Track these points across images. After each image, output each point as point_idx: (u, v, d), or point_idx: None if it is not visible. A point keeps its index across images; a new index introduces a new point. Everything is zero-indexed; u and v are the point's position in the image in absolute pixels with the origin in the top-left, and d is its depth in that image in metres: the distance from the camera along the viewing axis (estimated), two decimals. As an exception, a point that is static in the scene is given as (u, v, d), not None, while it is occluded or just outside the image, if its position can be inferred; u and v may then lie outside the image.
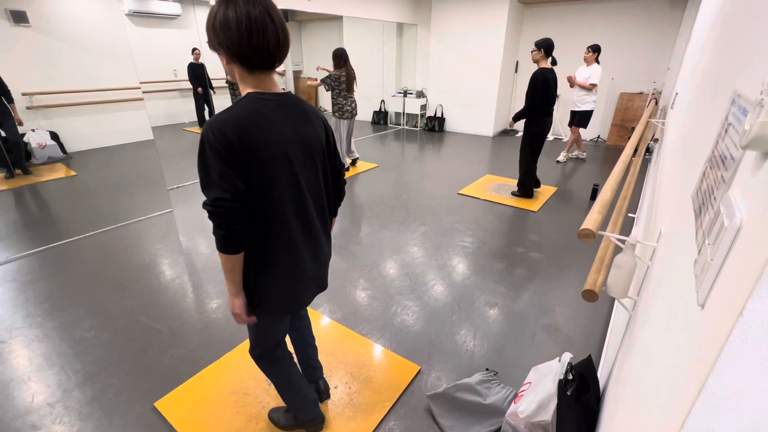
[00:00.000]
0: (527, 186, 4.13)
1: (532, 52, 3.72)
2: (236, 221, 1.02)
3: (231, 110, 1.00)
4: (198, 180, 1.03)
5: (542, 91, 3.69)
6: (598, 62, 5.11)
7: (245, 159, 1.00)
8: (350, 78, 4.65)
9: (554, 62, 3.75)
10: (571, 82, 5.22)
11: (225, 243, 1.05)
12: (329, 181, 1.27)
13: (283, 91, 1.09)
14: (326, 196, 1.26)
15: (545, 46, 3.65)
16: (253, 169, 1.02)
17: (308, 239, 1.20)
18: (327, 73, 4.66)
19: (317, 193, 1.20)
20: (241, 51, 0.97)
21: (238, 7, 0.93)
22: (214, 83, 7.15)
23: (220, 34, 0.96)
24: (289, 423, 1.58)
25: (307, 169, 1.14)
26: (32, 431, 1.60)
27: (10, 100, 4.54)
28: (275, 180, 1.07)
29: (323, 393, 1.69)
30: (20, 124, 4.67)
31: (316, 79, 4.75)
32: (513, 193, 4.23)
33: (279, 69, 7.93)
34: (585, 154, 5.79)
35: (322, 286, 1.36)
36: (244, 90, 1.05)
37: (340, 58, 4.54)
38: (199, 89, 7.10)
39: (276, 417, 1.61)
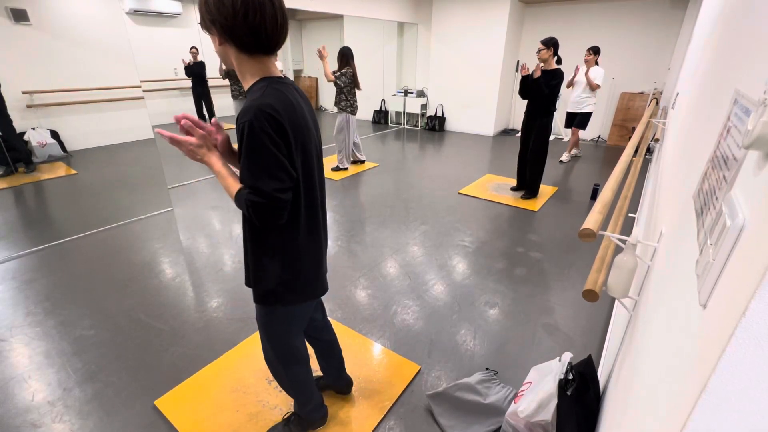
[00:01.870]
0: (538, 185, 4.14)
1: (540, 51, 3.62)
2: (285, 213, 0.98)
3: (267, 96, 0.93)
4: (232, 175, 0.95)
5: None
6: (597, 64, 5.10)
7: (295, 144, 0.97)
8: (356, 76, 4.66)
9: (559, 61, 3.72)
10: (571, 83, 5.23)
11: (247, 213, 0.97)
12: None
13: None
14: None
15: (555, 45, 3.59)
16: (299, 154, 0.99)
17: (323, 221, 1.22)
18: (323, 54, 4.54)
19: (321, 173, 1.21)
20: (235, 30, 0.91)
21: None
22: (210, 82, 7.12)
23: (213, 10, 0.90)
24: (299, 430, 1.56)
25: (318, 151, 1.15)
26: (32, 429, 1.60)
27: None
28: (313, 164, 1.07)
29: (348, 386, 1.73)
30: None
31: (330, 75, 4.58)
32: (522, 196, 4.15)
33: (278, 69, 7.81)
34: (580, 150, 5.96)
35: (326, 268, 1.35)
36: (247, 75, 0.99)
37: (346, 56, 4.55)
38: (185, 62, 6.84)
39: None
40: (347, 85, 4.60)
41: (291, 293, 1.17)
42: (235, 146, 1.02)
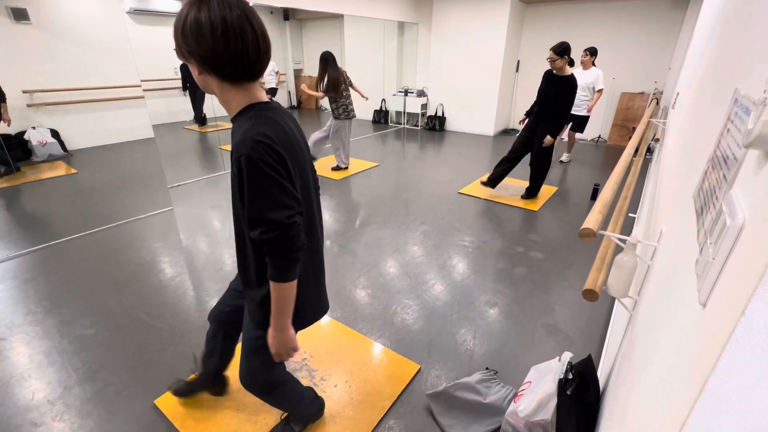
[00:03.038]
0: (540, 187, 4.11)
1: (554, 61, 3.50)
2: (302, 235, 0.95)
3: (259, 125, 0.90)
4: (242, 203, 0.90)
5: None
6: (594, 65, 5.08)
7: (294, 172, 0.95)
8: (337, 79, 4.52)
9: (572, 63, 3.66)
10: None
11: (294, 267, 0.95)
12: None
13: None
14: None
15: (567, 51, 3.49)
16: (298, 180, 0.98)
17: (320, 241, 1.21)
18: (306, 93, 4.64)
19: (316, 193, 1.19)
20: (216, 59, 0.86)
21: (212, 11, 0.82)
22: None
23: (191, 41, 0.85)
24: (300, 427, 1.56)
25: (313, 172, 1.14)
26: (33, 428, 1.61)
27: (2, 99, 4.38)
28: (309, 189, 1.06)
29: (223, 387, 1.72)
30: (8, 124, 4.48)
31: (319, 93, 4.59)
32: (524, 197, 4.13)
33: (269, 68, 7.74)
34: (571, 154, 5.85)
35: (324, 285, 1.33)
36: (232, 103, 0.95)
37: (324, 62, 4.43)
38: (186, 92, 7.11)
39: None
40: (333, 92, 4.54)
41: (297, 318, 1.14)
42: (225, 147, 0.97)
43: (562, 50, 3.48)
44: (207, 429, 1.59)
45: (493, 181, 4.16)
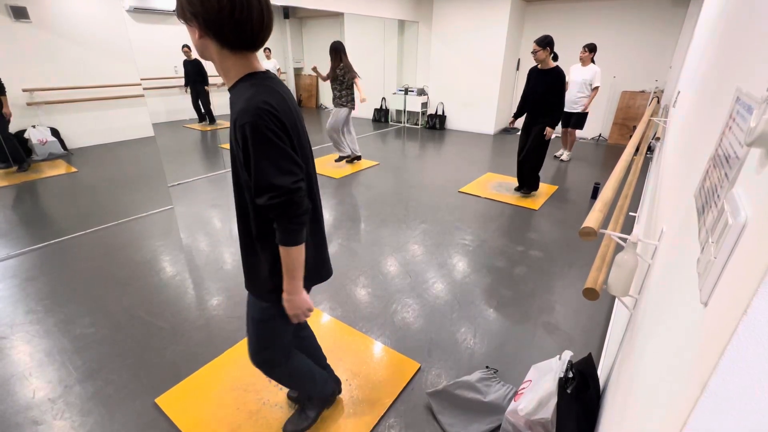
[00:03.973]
0: (537, 179, 4.12)
1: (536, 52, 3.53)
2: (306, 200, 1.00)
3: (261, 93, 0.92)
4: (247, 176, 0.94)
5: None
6: (593, 62, 5.07)
7: (294, 139, 0.98)
8: (351, 66, 4.65)
9: (556, 57, 3.69)
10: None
11: (301, 231, 0.99)
12: None
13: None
14: None
15: (550, 44, 3.53)
16: (298, 147, 1.01)
17: (320, 211, 1.23)
18: (315, 72, 4.72)
19: (313, 165, 1.21)
20: (219, 24, 0.87)
21: None
22: (211, 80, 7.12)
23: (195, 2, 0.85)
24: (316, 412, 1.57)
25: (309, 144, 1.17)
26: (33, 426, 1.61)
27: (2, 92, 4.40)
28: (308, 159, 1.09)
29: (337, 385, 1.70)
30: (9, 116, 4.50)
31: (357, 79, 4.65)
32: (523, 194, 4.14)
33: (271, 65, 7.79)
34: (571, 152, 5.84)
35: (328, 254, 1.35)
36: (231, 71, 0.96)
37: (339, 51, 4.53)
38: (186, 88, 7.11)
39: (297, 426, 1.54)
40: (351, 79, 4.61)
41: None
42: (226, 146, 1.00)
43: (546, 43, 3.52)
44: (207, 427, 1.60)
45: (521, 185, 4.22)
